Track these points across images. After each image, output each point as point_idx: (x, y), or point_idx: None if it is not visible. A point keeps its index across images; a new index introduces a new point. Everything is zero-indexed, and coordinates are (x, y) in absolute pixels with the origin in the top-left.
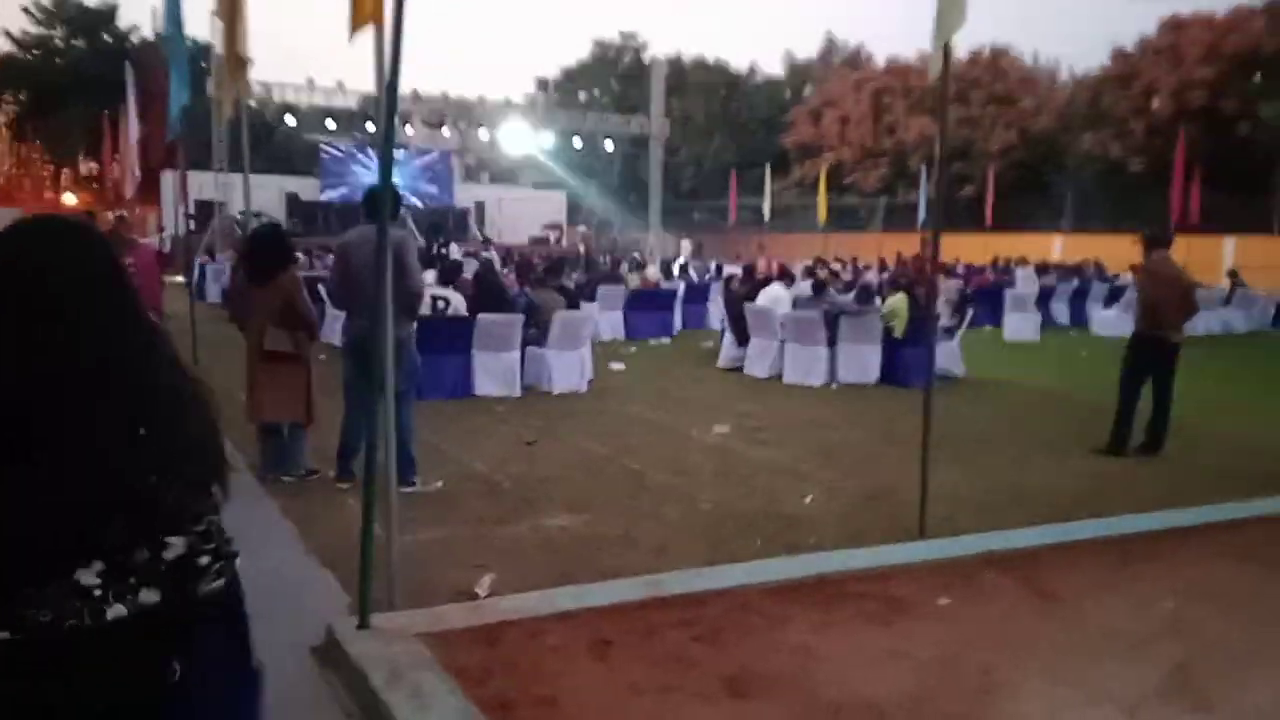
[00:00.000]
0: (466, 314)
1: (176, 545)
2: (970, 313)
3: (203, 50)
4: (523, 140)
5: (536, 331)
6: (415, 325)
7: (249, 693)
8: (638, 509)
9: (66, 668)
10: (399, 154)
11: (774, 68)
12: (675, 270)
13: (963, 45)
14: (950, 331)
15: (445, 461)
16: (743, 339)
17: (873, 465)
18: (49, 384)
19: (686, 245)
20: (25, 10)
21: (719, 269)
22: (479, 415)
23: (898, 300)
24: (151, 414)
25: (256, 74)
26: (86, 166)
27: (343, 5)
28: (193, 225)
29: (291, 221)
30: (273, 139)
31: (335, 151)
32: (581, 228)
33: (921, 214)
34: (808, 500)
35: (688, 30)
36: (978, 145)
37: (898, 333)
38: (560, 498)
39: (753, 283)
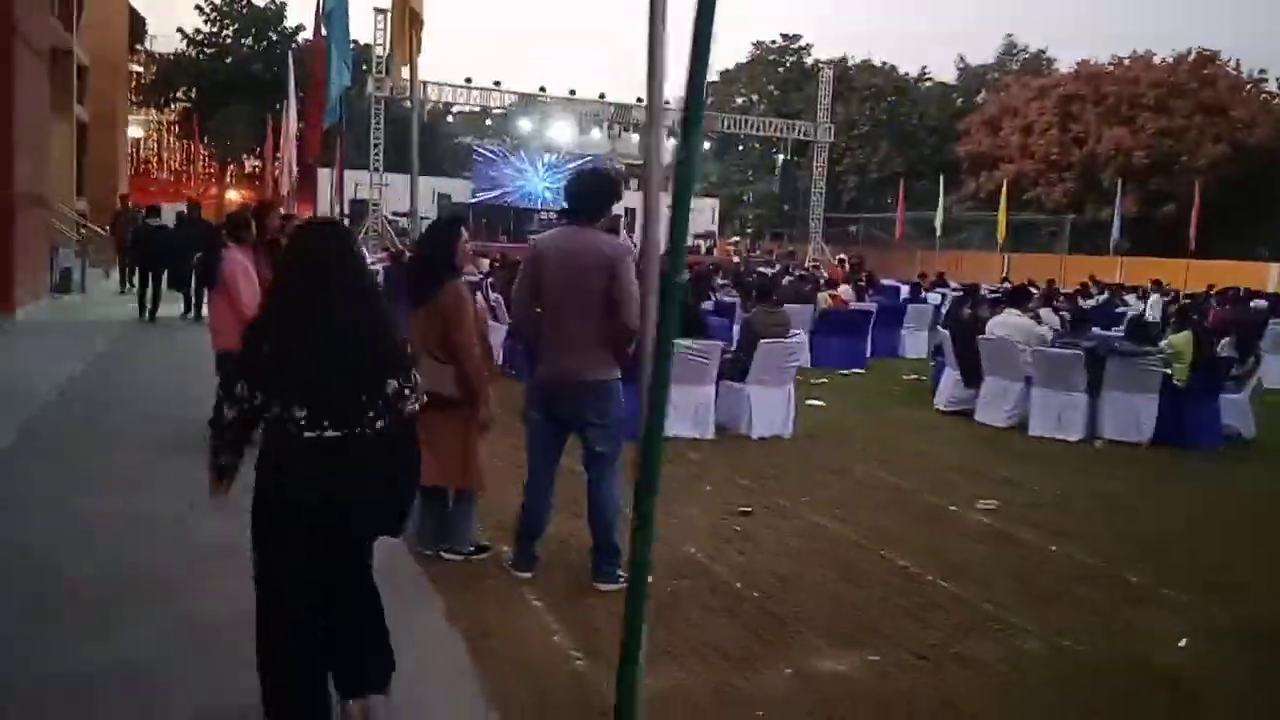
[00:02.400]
0: None
1: (392, 384)
2: (1261, 357)
3: (362, 50)
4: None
5: (738, 363)
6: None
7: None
8: (937, 644)
9: (367, 454)
10: (550, 157)
11: (946, 72)
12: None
13: (1164, 47)
14: (1239, 381)
15: None
16: (971, 378)
17: (1233, 576)
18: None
19: (844, 260)
20: (198, 8)
21: (914, 288)
22: (670, 465)
23: (1182, 340)
24: (383, 327)
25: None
26: (250, 164)
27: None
28: (348, 223)
29: None
30: (426, 138)
31: (488, 153)
32: (735, 238)
33: (1115, 233)
34: (1182, 644)
35: (852, 32)
36: (1181, 159)
37: (1179, 379)
38: (820, 617)
39: (990, 309)
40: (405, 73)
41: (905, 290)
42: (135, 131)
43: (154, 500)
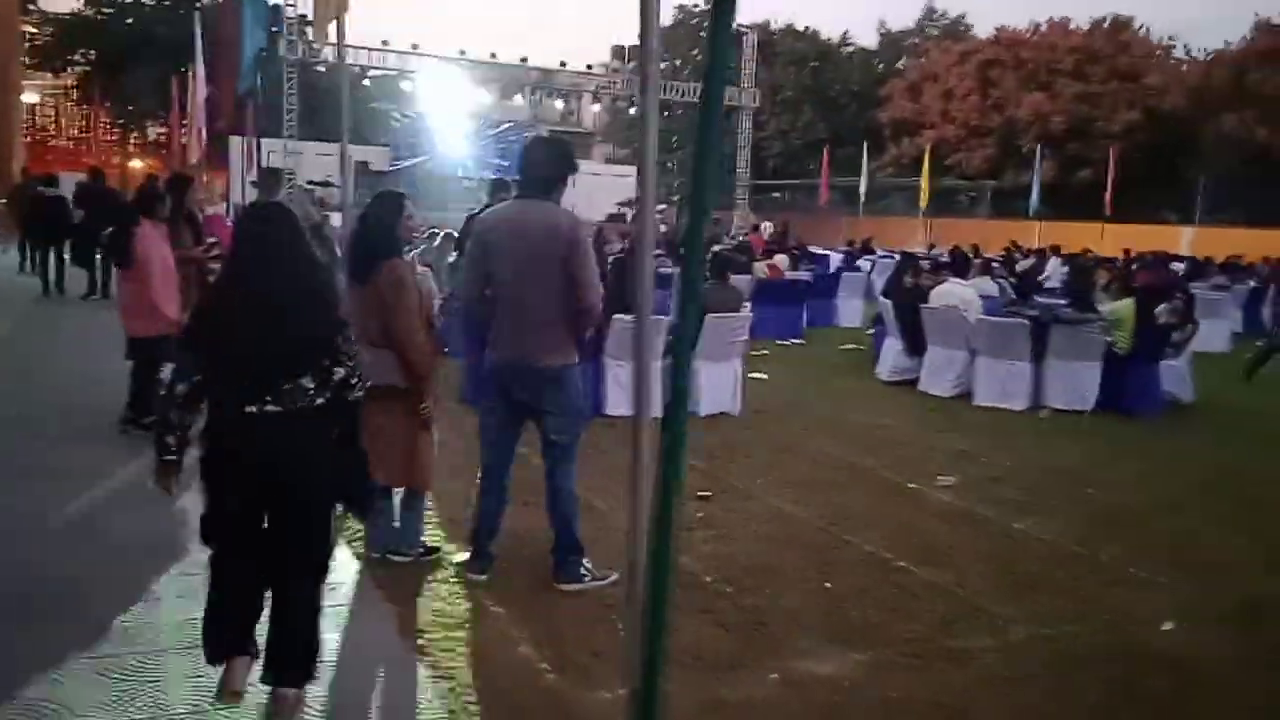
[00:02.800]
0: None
1: (339, 372)
2: (1198, 323)
3: (273, 10)
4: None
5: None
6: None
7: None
8: (923, 638)
9: (304, 427)
10: (470, 124)
11: (867, 38)
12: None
13: (1081, 14)
14: (1177, 347)
15: (601, 526)
16: (915, 347)
17: (1200, 553)
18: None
19: (768, 227)
20: None
21: (847, 256)
22: (619, 447)
23: (1124, 307)
24: (325, 311)
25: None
26: (154, 131)
27: None
28: (256, 194)
29: (359, 194)
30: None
31: (407, 120)
32: (662, 206)
33: (1034, 198)
34: (1168, 626)
35: None
36: (1098, 125)
37: (1122, 347)
38: (800, 612)
39: (930, 277)
40: (331, 30)
41: (836, 258)
42: (30, 97)
43: (60, 497)
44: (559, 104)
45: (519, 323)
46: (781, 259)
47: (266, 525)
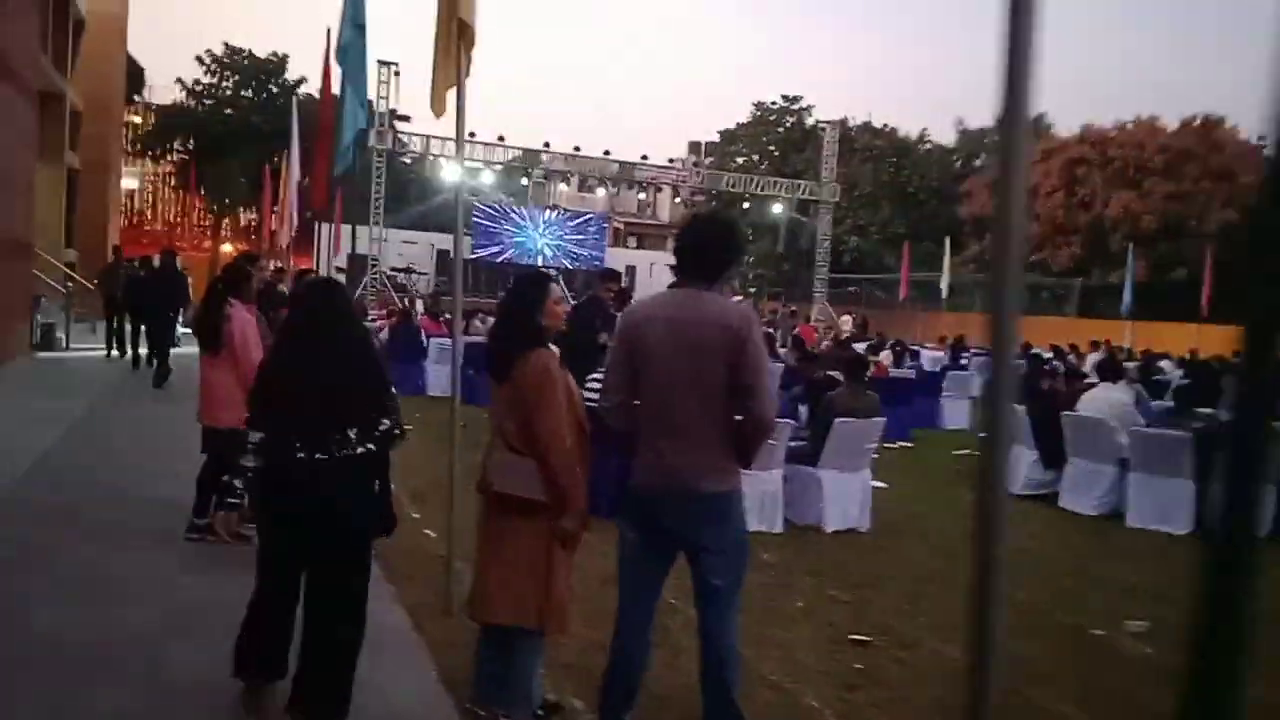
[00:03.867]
0: None
1: (385, 424)
2: None
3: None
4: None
5: (809, 444)
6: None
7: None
8: None
9: (348, 474)
10: (550, 214)
11: (944, 135)
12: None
13: (1169, 113)
14: None
15: (749, 683)
16: (1052, 458)
17: None
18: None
19: (848, 321)
20: (198, 59)
21: (953, 353)
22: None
23: None
24: (368, 374)
25: (413, 126)
26: (246, 217)
27: (500, 54)
28: (343, 279)
29: (440, 280)
30: (423, 193)
31: (489, 210)
32: (737, 298)
33: (1127, 297)
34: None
35: (851, 94)
36: (1190, 224)
37: None
38: None
39: (1076, 383)
40: (451, 98)
41: (927, 355)
42: (130, 183)
43: (125, 618)
44: (636, 195)
45: (672, 437)
46: (886, 355)
47: (311, 565)
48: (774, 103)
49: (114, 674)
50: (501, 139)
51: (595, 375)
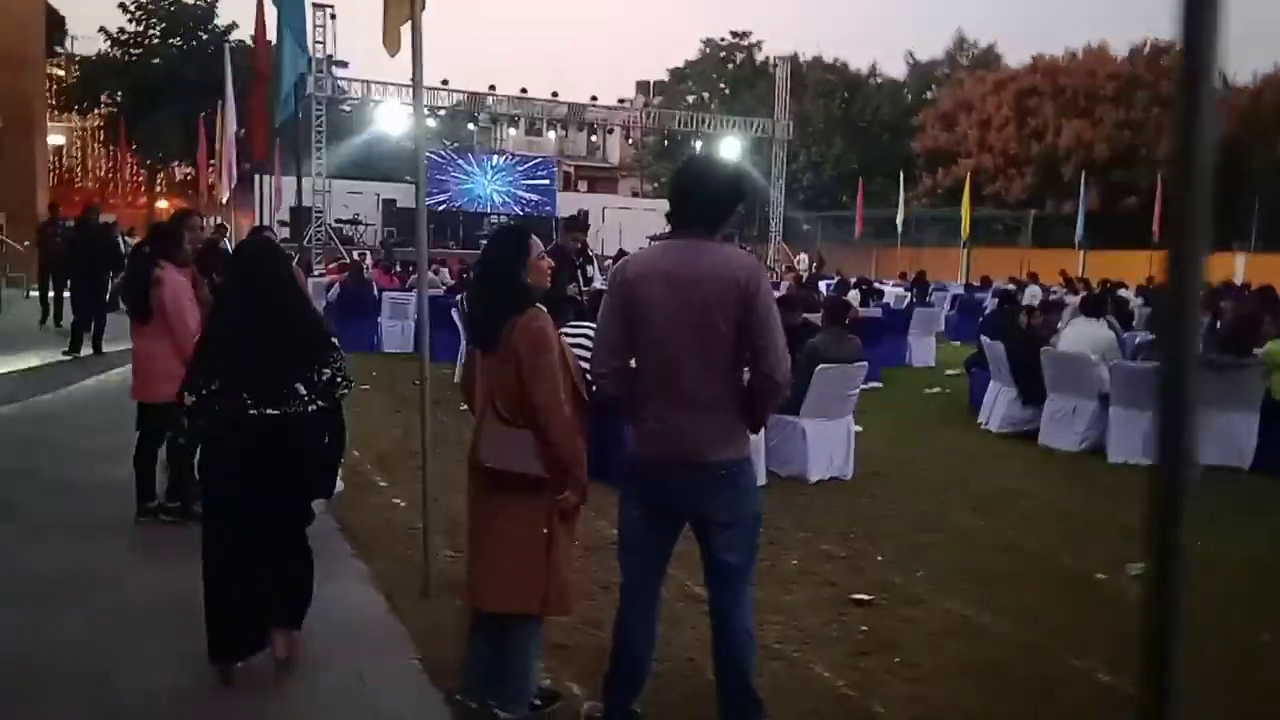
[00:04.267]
0: None
1: (327, 373)
2: None
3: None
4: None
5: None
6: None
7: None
8: None
9: (295, 428)
10: (498, 160)
11: (895, 68)
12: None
13: (1120, 41)
14: None
15: (792, 676)
16: (1032, 396)
17: None
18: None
19: (803, 260)
20: (121, 5)
21: (919, 290)
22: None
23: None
24: (311, 329)
25: (352, 72)
26: (180, 171)
27: None
28: (286, 233)
29: (387, 231)
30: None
31: (435, 157)
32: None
33: (1079, 227)
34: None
35: (801, 28)
36: (1142, 152)
37: (1278, 394)
38: None
39: (1047, 316)
40: (405, 33)
41: (889, 293)
42: (56, 139)
43: (67, 620)
44: (590, 139)
45: (675, 403)
46: (854, 295)
47: (258, 519)
48: (723, 39)
49: (57, 686)
50: (445, 83)
51: (564, 331)
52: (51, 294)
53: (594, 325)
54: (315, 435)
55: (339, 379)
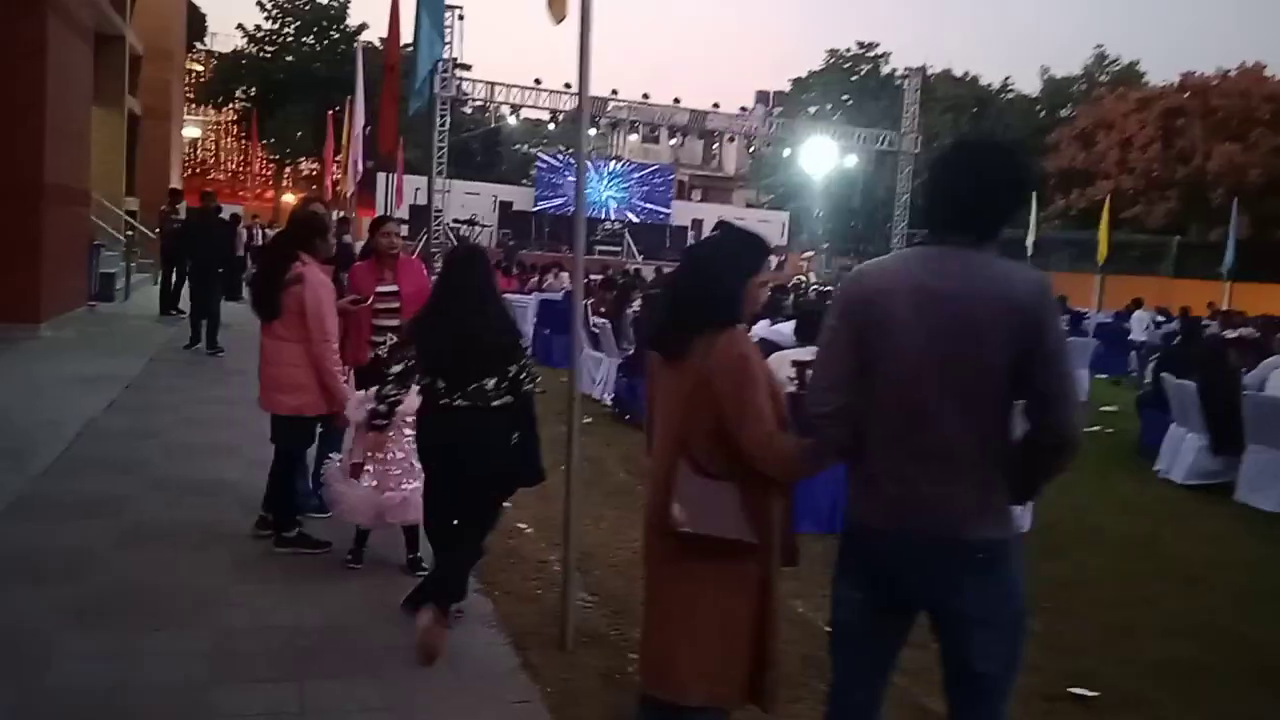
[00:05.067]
0: None
1: (513, 369)
2: None
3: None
4: (748, 154)
5: None
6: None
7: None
8: None
9: (483, 422)
10: (615, 165)
11: (1029, 84)
12: None
13: (1275, 60)
14: None
15: None
16: (1225, 443)
17: None
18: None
19: None
20: (259, 4)
21: (1073, 318)
22: None
23: None
24: (504, 332)
25: (473, 74)
26: (307, 166)
27: None
28: (405, 231)
29: (503, 234)
30: (486, 145)
31: (552, 161)
32: (809, 252)
33: (1229, 256)
34: None
35: (930, 41)
36: None
37: None
38: None
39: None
40: (573, 4)
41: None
42: (192, 131)
43: (162, 648)
44: (711, 148)
45: (922, 459)
46: None
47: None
48: (849, 50)
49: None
50: (567, 86)
51: None
52: (159, 284)
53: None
54: (502, 427)
55: (524, 376)
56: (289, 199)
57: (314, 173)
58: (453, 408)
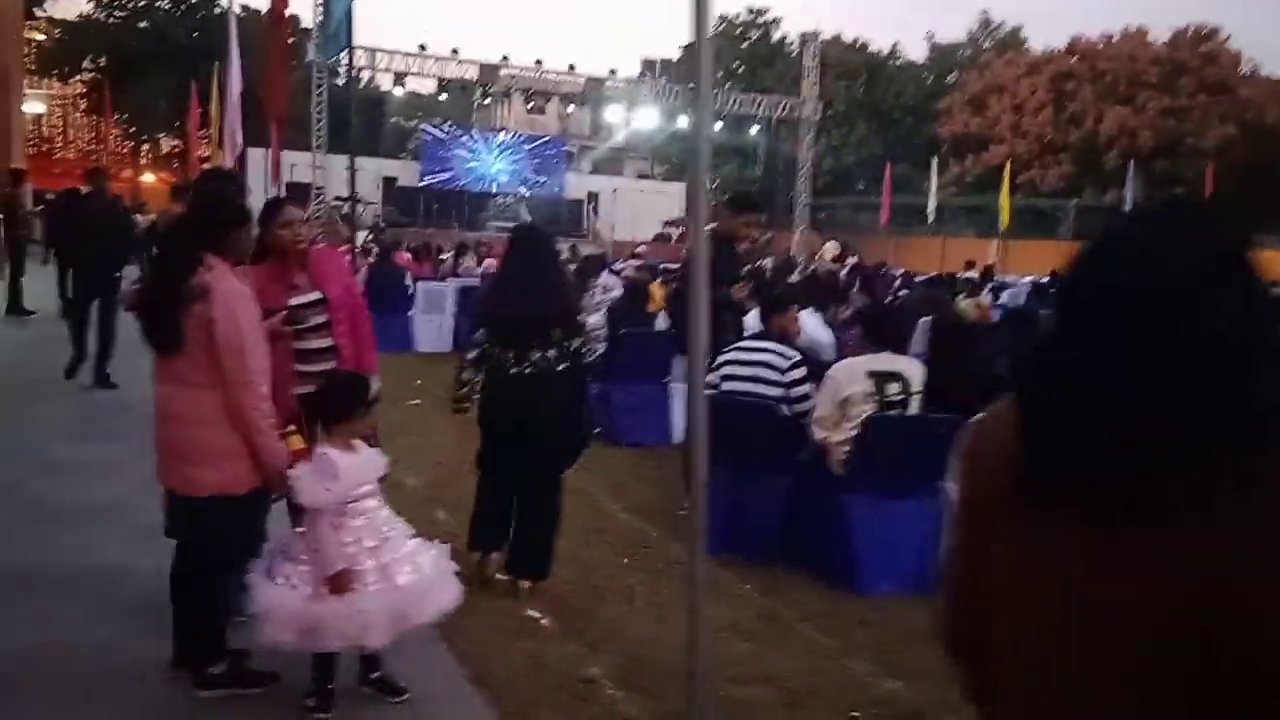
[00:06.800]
0: None
1: (574, 343)
2: None
3: (295, 20)
4: (640, 122)
5: None
6: None
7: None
8: None
9: (543, 387)
10: (504, 137)
11: (914, 50)
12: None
13: (1161, 24)
14: None
15: None
16: None
17: None
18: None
19: (832, 248)
20: None
21: (1048, 285)
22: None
23: None
24: (567, 304)
25: (359, 39)
26: (168, 143)
27: None
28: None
29: (388, 209)
30: (367, 117)
31: (438, 133)
32: (711, 225)
33: None
34: None
35: (818, 7)
36: (1188, 141)
37: None
38: None
39: None
40: None
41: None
42: (35, 106)
43: None
44: (587, 114)
45: None
46: (986, 296)
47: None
48: (739, 16)
49: None
50: (455, 53)
51: (728, 357)
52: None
53: (773, 347)
54: (561, 390)
55: (583, 349)
56: (149, 179)
57: (176, 149)
58: (521, 375)
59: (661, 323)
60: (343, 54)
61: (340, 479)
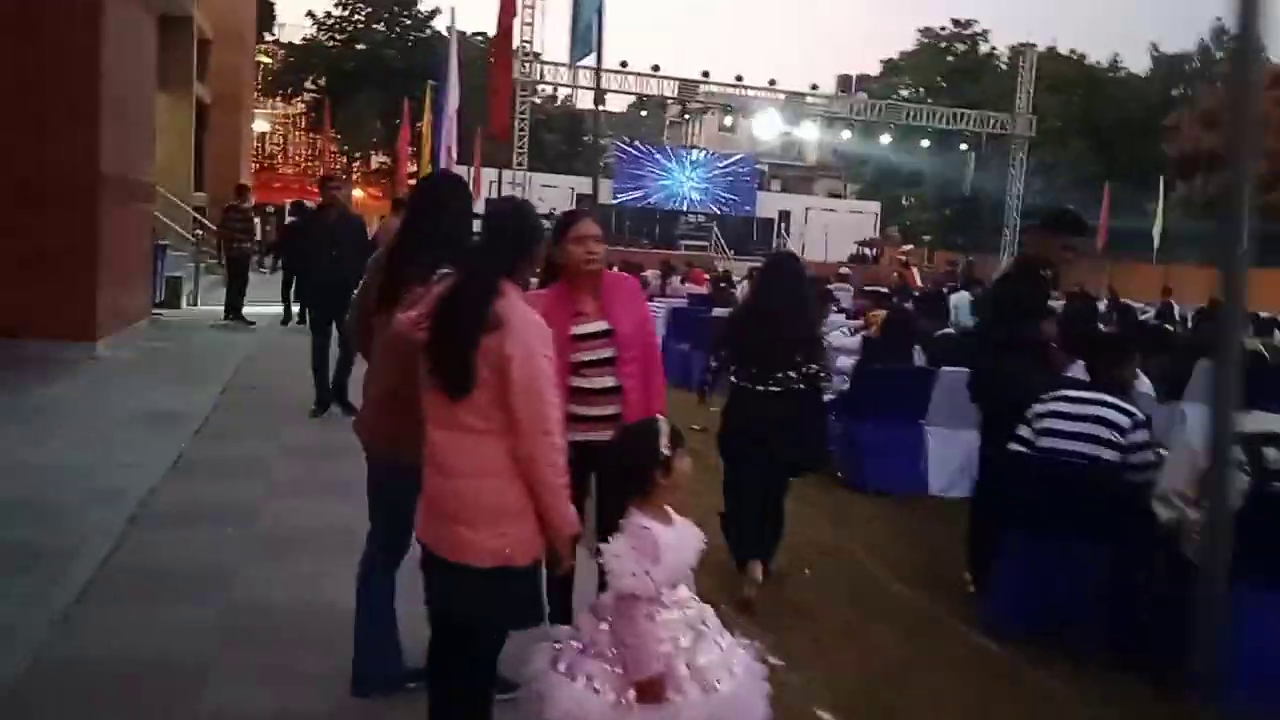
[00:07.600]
0: None
1: (814, 368)
2: None
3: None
4: (836, 140)
5: None
6: None
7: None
8: None
9: (786, 401)
10: (697, 155)
11: (1138, 62)
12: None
13: None
14: None
15: None
16: None
17: None
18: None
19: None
20: None
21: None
22: None
23: None
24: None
25: (551, 54)
26: (376, 160)
27: None
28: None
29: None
30: (572, 137)
31: (631, 150)
32: (907, 246)
33: None
34: None
35: (1028, 18)
36: None
37: None
38: None
39: None
40: None
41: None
42: (261, 124)
43: None
44: (777, 131)
45: None
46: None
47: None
48: (943, 29)
49: None
50: (656, 69)
51: (1050, 408)
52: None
53: (1112, 400)
54: (799, 408)
55: (822, 374)
56: (357, 194)
57: (384, 166)
58: (768, 392)
59: (918, 357)
60: (589, 57)
61: (662, 561)
